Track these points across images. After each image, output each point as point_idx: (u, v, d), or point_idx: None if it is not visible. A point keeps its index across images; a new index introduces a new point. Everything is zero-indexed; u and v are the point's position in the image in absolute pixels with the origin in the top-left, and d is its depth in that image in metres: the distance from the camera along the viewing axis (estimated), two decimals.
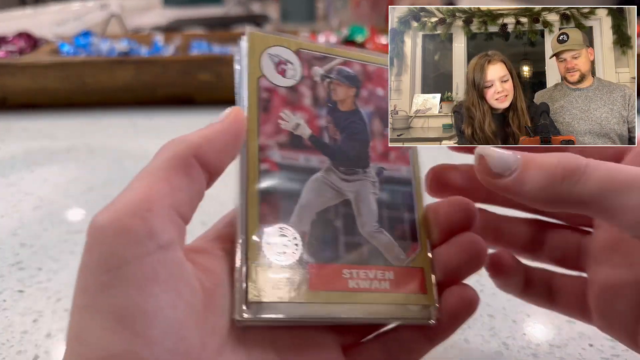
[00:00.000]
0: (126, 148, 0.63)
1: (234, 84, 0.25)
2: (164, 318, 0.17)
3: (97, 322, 0.17)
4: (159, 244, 0.18)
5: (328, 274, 0.23)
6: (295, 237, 0.23)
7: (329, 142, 0.25)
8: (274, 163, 0.23)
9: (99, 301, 0.17)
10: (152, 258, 0.18)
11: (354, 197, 0.25)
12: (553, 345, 0.33)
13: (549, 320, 0.35)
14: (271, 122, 0.24)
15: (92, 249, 0.18)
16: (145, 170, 0.20)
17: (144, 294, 0.17)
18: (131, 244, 0.18)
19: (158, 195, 0.19)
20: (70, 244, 0.43)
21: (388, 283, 0.24)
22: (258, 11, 1.52)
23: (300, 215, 0.23)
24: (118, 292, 0.17)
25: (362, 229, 0.24)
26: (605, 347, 0.32)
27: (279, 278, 0.22)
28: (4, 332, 0.34)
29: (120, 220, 0.18)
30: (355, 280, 0.23)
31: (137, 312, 0.17)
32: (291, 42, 0.25)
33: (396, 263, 0.24)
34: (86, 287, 0.18)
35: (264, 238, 0.22)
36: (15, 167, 0.59)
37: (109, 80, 0.74)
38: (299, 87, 0.25)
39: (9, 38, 0.86)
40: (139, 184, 0.19)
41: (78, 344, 0.17)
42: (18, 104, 0.76)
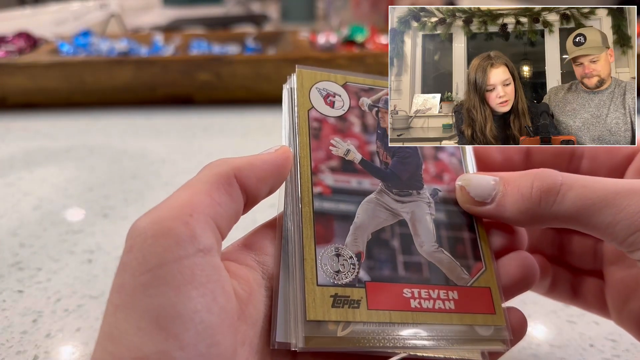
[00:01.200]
0: (126, 148, 0.63)
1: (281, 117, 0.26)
2: (199, 321, 0.17)
3: (133, 321, 0.17)
4: (198, 248, 0.18)
5: (388, 293, 0.23)
6: (352, 256, 0.23)
7: (380, 166, 0.26)
8: (326, 186, 0.24)
9: (136, 300, 0.17)
10: (191, 260, 0.18)
11: (410, 218, 0.25)
12: (554, 345, 0.33)
13: (550, 320, 0.35)
14: (322, 148, 0.25)
15: (133, 249, 0.18)
16: (188, 184, 0.21)
17: (181, 295, 0.17)
18: (171, 246, 0.18)
19: (200, 204, 0.19)
20: (69, 244, 0.43)
21: (453, 303, 0.23)
22: (258, 11, 1.52)
23: (355, 235, 0.23)
24: (156, 292, 0.17)
25: (421, 249, 0.24)
26: (606, 347, 0.32)
27: (337, 298, 0.22)
28: (4, 332, 0.33)
29: (161, 223, 0.18)
30: (417, 300, 0.23)
31: (174, 314, 0.17)
32: (338, 77, 0.27)
33: (460, 283, 0.24)
34: (123, 286, 0.18)
35: (319, 258, 0.22)
36: (15, 167, 0.59)
37: (109, 80, 0.74)
38: (348, 116, 0.26)
39: (9, 38, 0.85)
40: (180, 194, 0.20)
41: (111, 343, 0.17)
42: (17, 104, 0.76)
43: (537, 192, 0.22)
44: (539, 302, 0.35)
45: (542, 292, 0.29)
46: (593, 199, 0.21)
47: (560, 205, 0.22)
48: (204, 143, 0.65)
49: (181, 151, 0.62)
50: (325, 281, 0.22)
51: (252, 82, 0.75)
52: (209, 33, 1.01)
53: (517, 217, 0.23)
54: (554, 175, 0.22)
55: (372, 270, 0.23)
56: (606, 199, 0.21)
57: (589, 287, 0.28)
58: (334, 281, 0.22)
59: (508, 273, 0.24)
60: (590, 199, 0.21)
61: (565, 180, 0.22)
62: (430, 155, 0.27)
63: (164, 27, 1.22)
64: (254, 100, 0.76)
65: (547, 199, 0.22)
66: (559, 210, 0.22)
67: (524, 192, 0.22)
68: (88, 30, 0.90)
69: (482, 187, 0.24)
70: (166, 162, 0.59)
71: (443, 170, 0.27)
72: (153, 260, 0.18)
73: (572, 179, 0.22)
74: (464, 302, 0.23)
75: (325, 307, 0.21)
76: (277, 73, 0.74)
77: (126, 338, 0.17)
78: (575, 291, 0.29)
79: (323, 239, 0.23)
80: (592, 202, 0.21)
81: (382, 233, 0.24)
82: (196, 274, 0.18)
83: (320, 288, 0.22)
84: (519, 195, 0.23)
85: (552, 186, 0.22)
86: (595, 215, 0.21)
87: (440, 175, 0.26)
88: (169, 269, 0.18)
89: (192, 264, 0.18)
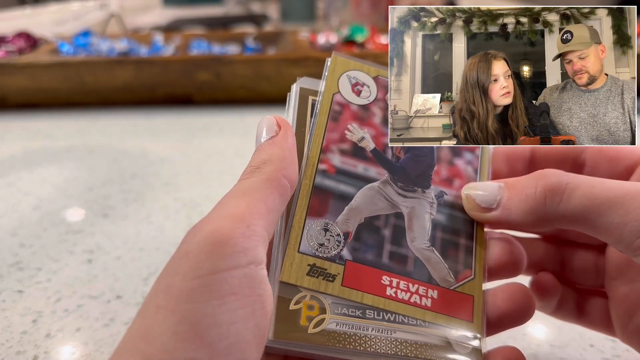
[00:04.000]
0: (125, 148, 0.63)
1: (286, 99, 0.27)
2: (234, 333, 0.18)
3: (171, 325, 0.17)
4: (250, 260, 0.19)
5: (365, 276, 0.23)
6: (339, 234, 0.23)
7: (391, 159, 0.26)
8: (332, 165, 0.25)
9: (180, 304, 0.17)
10: (240, 271, 0.18)
11: (408, 212, 0.25)
12: (554, 345, 0.33)
13: (550, 320, 0.35)
14: (337, 131, 0.26)
15: (189, 255, 0.18)
16: (244, 190, 0.21)
17: (224, 306, 0.18)
18: (227, 255, 0.18)
19: (256, 214, 0.20)
20: (69, 244, 0.43)
21: (430, 301, 0.23)
22: (258, 11, 1.52)
23: (348, 216, 0.24)
24: (201, 299, 0.17)
25: (411, 243, 0.24)
26: (606, 347, 0.32)
27: (314, 268, 0.22)
28: (4, 332, 0.33)
29: (220, 231, 0.19)
30: (393, 289, 0.23)
31: (212, 323, 0.17)
32: (371, 69, 0.28)
33: (443, 284, 0.24)
34: (171, 289, 0.18)
35: (307, 229, 0.23)
36: (15, 167, 0.59)
37: (109, 80, 0.74)
38: (371, 106, 0.27)
39: (9, 38, 0.85)
40: (238, 201, 0.20)
41: (144, 341, 0.17)
42: (17, 104, 0.76)
43: (541, 191, 0.22)
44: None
45: (549, 312, 0.29)
46: (601, 199, 0.21)
47: (566, 204, 0.21)
48: (203, 143, 0.65)
49: (181, 151, 0.62)
50: (307, 250, 0.23)
51: (252, 82, 0.75)
52: (209, 33, 1.01)
53: (523, 219, 0.23)
54: (558, 174, 0.22)
55: (356, 251, 0.23)
56: (615, 199, 0.20)
57: (594, 305, 0.28)
58: (315, 252, 0.23)
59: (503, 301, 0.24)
60: (598, 198, 0.21)
61: (571, 179, 0.22)
62: (445, 158, 0.27)
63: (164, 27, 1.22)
64: (254, 100, 0.76)
65: (553, 198, 0.22)
66: (566, 210, 0.21)
67: (528, 193, 0.22)
68: (88, 30, 0.90)
69: (487, 193, 0.24)
70: (166, 162, 0.59)
71: (455, 175, 0.27)
72: (206, 267, 0.18)
73: (578, 179, 0.22)
74: (442, 303, 0.23)
75: (300, 273, 0.22)
76: (277, 73, 0.74)
77: (160, 340, 0.17)
78: (581, 310, 0.28)
79: (316, 212, 0.24)
80: (600, 202, 0.21)
81: (376, 220, 0.24)
82: (242, 286, 0.18)
83: (300, 255, 0.22)
84: (523, 197, 0.22)
85: (557, 185, 0.22)
86: (603, 216, 0.21)
87: (451, 179, 0.26)
88: (219, 277, 0.18)
89: (242, 274, 0.18)
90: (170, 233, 0.45)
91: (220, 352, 0.17)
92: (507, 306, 0.24)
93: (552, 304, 0.28)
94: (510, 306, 0.24)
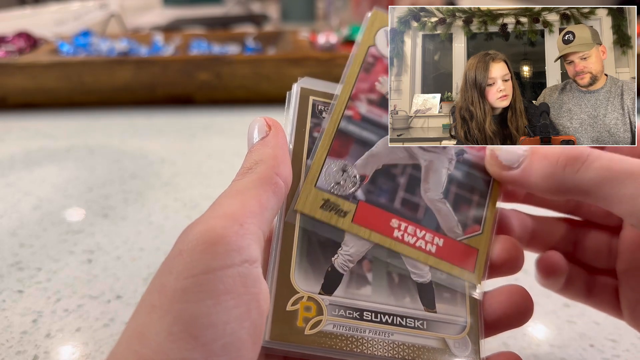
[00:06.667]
0: (126, 148, 0.63)
1: None
2: (229, 333, 0.18)
3: (166, 325, 0.17)
4: (244, 258, 0.19)
5: (376, 216, 0.24)
6: (355, 176, 0.24)
7: None
8: (357, 112, 0.26)
9: (174, 304, 0.17)
10: (235, 270, 0.18)
11: (426, 165, 0.26)
12: (554, 345, 0.33)
13: (550, 320, 0.35)
14: (368, 82, 0.26)
15: (182, 254, 0.18)
16: (237, 188, 0.21)
17: (218, 305, 0.18)
18: (220, 254, 0.18)
19: (250, 212, 0.20)
20: (69, 244, 0.43)
21: (435, 247, 0.24)
22: (258, 10, 1.52)
23: (367, 161, 0.25)
24: (195, 298, 0.17)
25: (425, 194, 0.25)
26: (606, 347, 0.32)
27: (328, 203, 0.24)
28: (4, 332, 0.33)
29: (213, 231, 0.19)
30: (401, 232, 0.24)
31: (207, 323, 0.17)
32: None
33: (450, 235, 0.25)
34: (165, 288, 0.18)
35: (325, 167, 0.24)
36: (15, 167, 0.59)
37: (109, 80, 0.74)
38: None
39: (9, 38, 0.85)
40: (231, 201, 0.20)
41: (138, 342, 0.17)
42: (17, 104, 0.76)
43: (563, 158, 0.23)
44: (539, 302, 0.35)
45: (556, 289, 0.29)
46: (618, 171, 0.21)
47: (584, 173, 0.22)
48: (203, 143, 0.65)
49: (181, 151, 0.62)
50: (323, 186, 0.24)
51: (252, 82, 0.75)
52: (209, 33, 1.01)
53: (541, 182, 0.23)
54: (582, 147, 0.23)
55: (370, 193, 0.24)
56: (631, 172, 0.21)
57: (603, 286, 0.28)
58: (330, 189, 0.24)
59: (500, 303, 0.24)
60: (615, 170, 0.21)
61: (593, 152, 0.22)
62: None
63: (164, 27, 1.22)
64: (254, 100, 0.76)
65: (573, 166, 0.22)
66: (583, 179, 0.22)
67: (550, 158, 0.23)
68: (88, 30, 0.90)
69: (512, 153, 0.25)
70: (166, 162, 0.59)
71: None
72: (200, 266, 0.18)
73: (600, 152, 0.22)
74: (446, 251, 0.24)
75: (315, 206, 0.23)
76: (277, 73, 0.74)
77: (155, 340, 0.17)
78: (590, 290, 0.29)
79: (336, 153, 0.25)
80: (617, 173, 0.21)
81: (393, 168, 0.25)
82: (237, 285, 0.18)
83: (316, 190, 0.24)
84: (545, 161, 0.23)
85: (579, 155, 0.22)
86: (618, 187, 0.21)
87: None
88: (213, 277, 0.18)
89: (236, 274, 0.18)
90: (170, 233, 0.45)
91: (215, 352, 0.17)
92: (505, 308, 0.24)
93: (559, 282, 0.28)
94: (508, 308, 0.24)
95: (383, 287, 0.23)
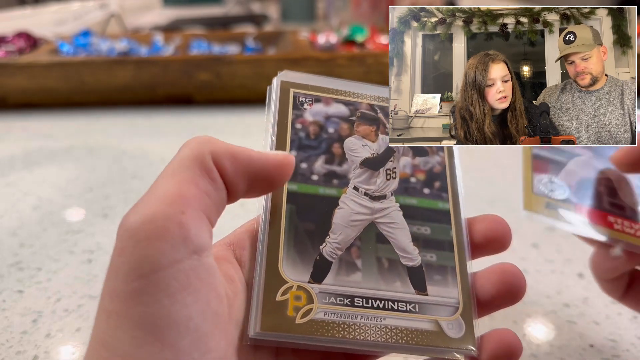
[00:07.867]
0: (125, 148, 0.63)
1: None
2: (194, 328, 0.17)
3: (127, 330, 0.17)
4: (193, 249, 0.18)
5: None
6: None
7: None
8: None
9: (129, 308, 0.17)
10: (186, 264, 0.17)
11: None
12: (554, 345, 0.32)
13: (550, 320, 0.35)
14: None
15: (125, 252, 0.17)
16: (171, 170, 0.20)
17: (176, 303, 0.17)
18: (166, 249, 0.17)
19: (189, 197, 0.18)
20: (69, 244, 0.43)
21: None
22: (258, 11, 1.52)
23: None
24: (150, 300, 0.17)
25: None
26: (606, 347, 0.32)
27: None
28: (4, 332, 0.33)
29: (154, 223, 0.17)
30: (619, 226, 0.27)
31: (169, 322, 0.17)
32: None
33: None
34: (116, 292, 0.17)
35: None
36: (15, 167, 0.59)
37: (109, 80, 0.74)
38: None
39: (9, 38, 0.85)
40: (166, 184, 0.19)
41: (105, 351, 0.17)
42: (17, 104, 0.76)
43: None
44: (538, 302, 0.35)
45: (617, 296, 0.28)
46: None
47: None
48: None
49: None
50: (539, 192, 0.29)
51: (252, 82, 0.75)
52: (209, 33, 1.01)
53: None
54: None
55: None
56: None
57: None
58: None
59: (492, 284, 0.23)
60: None
61: None
62: None
63: (164, 27, 1.22)
64: (254, 100, 0.76)
65: None
66: None
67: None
68: (88, 30, 0.90)
69: None
70: (166, 162, 0.59)
71: None
72: (147, 265, 0.17)
73: None
74: None
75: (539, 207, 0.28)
76: (277, 73, 0.73)
77: (120, 347, 0.16)
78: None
79: None
80: None
81: None
82: (191, 279, 0.17)
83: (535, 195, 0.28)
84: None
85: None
86: None
87: None
88: (164, 275, 0.17)
89: (187, 267, 0.17)
90: None
91: (184, 350, 0.17)
92: (498, 287, 0.23)
93: (616, 286, 0.27)
94: (501, 287, 0.23)
95: (373, 272, 0.23)
